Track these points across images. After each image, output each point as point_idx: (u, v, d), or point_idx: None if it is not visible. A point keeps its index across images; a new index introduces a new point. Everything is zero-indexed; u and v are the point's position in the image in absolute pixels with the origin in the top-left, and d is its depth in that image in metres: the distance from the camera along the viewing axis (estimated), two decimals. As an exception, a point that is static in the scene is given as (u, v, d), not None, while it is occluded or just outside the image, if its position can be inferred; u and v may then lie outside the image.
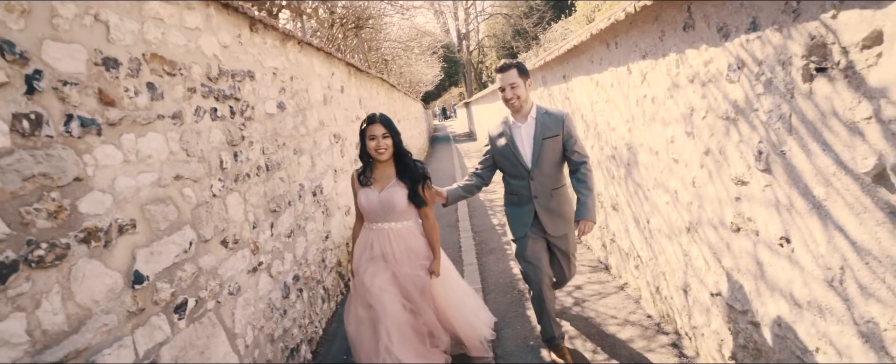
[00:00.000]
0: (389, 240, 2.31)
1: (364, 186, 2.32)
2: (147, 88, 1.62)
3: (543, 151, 2.36)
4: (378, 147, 2.24)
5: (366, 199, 2.29)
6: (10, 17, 1.14)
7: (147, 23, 1.66)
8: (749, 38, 1.72)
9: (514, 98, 2.36)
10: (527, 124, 2.41)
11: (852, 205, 1.35)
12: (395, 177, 2.32)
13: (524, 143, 2.40)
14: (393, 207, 2.28)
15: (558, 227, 2.45)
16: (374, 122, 2.26)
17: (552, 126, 2.37)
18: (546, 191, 2.40)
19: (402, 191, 2.30)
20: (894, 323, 1.26)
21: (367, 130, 2.26)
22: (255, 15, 2.47)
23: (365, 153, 2.31)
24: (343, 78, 4.83)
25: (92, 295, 1.31)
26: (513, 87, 2.36)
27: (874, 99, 1.24)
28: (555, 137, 2.36)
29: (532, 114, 2.42)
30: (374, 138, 2.24)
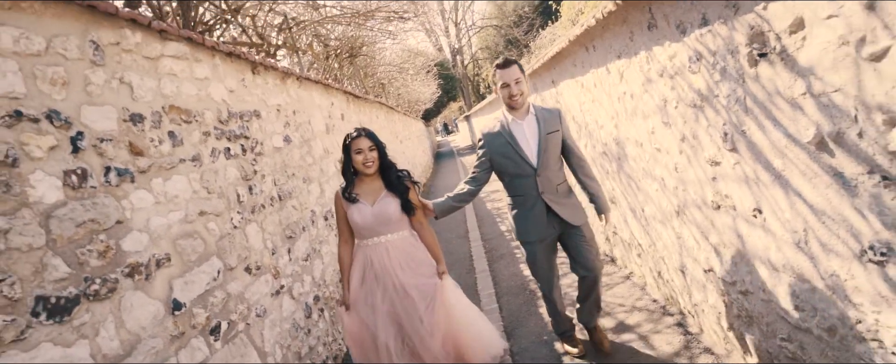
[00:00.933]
0: (387, 252, 2.25)
1: (353, 203, 2.25)
2: (168, 137, 1.83)
3: (549, 147, 2.33)
4: (365, 160, 2.21)
5: (360, 215, 2.23)
6: (53, 89, 1.35)
7: (163, 79, 1.88)
8: (702, 33, 1.89)
9: (519, 94, 2.31)
10: (527, 121, 2.37)
11: (805, 172, 1.50)
12: (385, 188, 2.29)
13: (528, 140, 2.35)
14: (388, 219, 2.24)
15: (577, 216, 2.42)
16: (359, 136, 2.24)
17: (552, 121, 2.37)
18: (552, 187, 2.37)
19: (394, 201, 2.27)
20: (852, 273, 1.39)
21: (353, 145, 2.23)
22: (256, 59, 2.70)
23: (350, 169, 2.27)
24: (342, 106, 5.06)
25: (139, 322, 1.50)
26: (518, 83, 2.31)
27: (806, 77, 1.40)
28: (556, 133, 2.36)
29: (531, 111, 2.40)
30: (361, 152, 2.22)
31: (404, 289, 2.23)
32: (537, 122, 2.36)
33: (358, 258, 2.32)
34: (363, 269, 2.28)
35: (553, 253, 2.51)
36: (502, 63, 2.35)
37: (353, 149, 2.24)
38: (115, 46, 1.63)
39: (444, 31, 31.17)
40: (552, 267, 2.52)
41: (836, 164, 1.37)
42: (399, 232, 2.30)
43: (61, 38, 1.41)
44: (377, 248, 2.26)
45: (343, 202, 2.29)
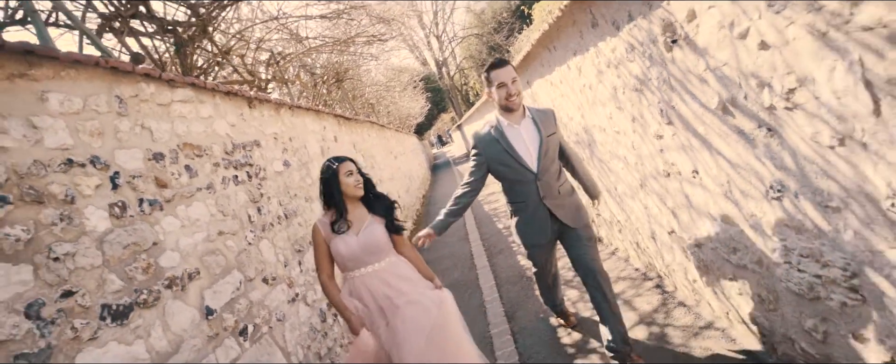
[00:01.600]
0: (378, 280, 2.10)
1: (336, 234, 2.09)
2: (185, 170, 2.13)
3: (549, 151, 2.23)
4: (357, 182, 2.14)
5: (346, 247, 2.06)
6: (92, 139, 1.66)
7: (175, 121, 2.18)
8: (631, 27, 2.20)
9: (517, 94, 2.18)
10: (524, 125, 2.24)
11: (720, 133, 1.79)
12: (369, 213, 2.19)
13: (527, 145, 2.22)
14: (376, 245, 2.09)
15: (579, 218, 2.33)
16: (344, 160, 2.16)
17: (549, 122, 2.28)
18: (553, 189, 2.26)
19: (379, 225, 2.15)
20: (763, 211, 1.68)
21: (342, 168, 2.13)
22: (251, 94, 3.01)
23: (339, 195, 2.12)
24: (334, 129, 5.38)
25: (181, 325, 1.78)
26: (515, 82, 2.17)
27: (704, 56, 1.70)
28: (554, 135, 2.26)
29: (526, 113, 2.28)
30: (352, 173, 2.14)
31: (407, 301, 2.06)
32: (535, 126, 2.23)
33: (344, 291, 2.16)
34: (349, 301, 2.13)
35: (553, 249, 2.52)
36: (497, 62, 2.20)
37: (343, 172, 2.12)
38: (135, 98, 1.94)
39: (427, 45, 31.71)
40: (552, 262, 2.58)
41: (737, 123, 1.66)
42: (387, 258, 2.15)
43: (93, 96, 1.71)
44: (367, 280, 2.10)
45: (323, 234, 2.13)
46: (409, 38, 20.52)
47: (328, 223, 2.14)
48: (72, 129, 1.58)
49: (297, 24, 4.77)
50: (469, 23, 33.00)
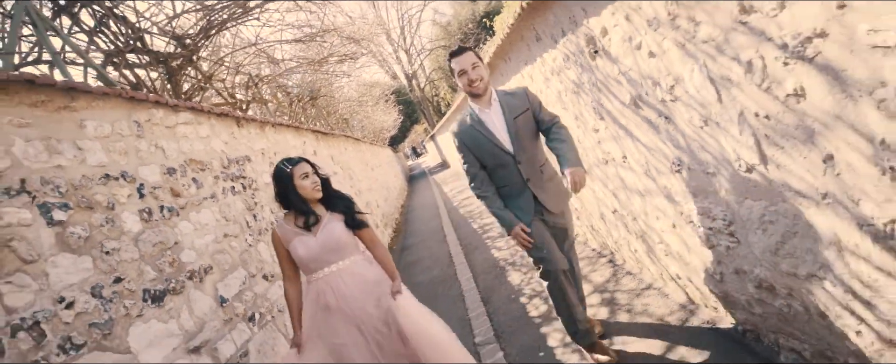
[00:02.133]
0: (342, 281, 2.02)
1: (296, 236, 2.03)
2: (193, 182, 2.46)
3: (520, 130, 2.21)
4: (315, 184, 2.08)
5: (304, 248, 2.00)
6: (120, 157, 1.98)
7: (180, 140, 2.51)
8: (564, 41, 2.65)
9: (479, 79, 2.16)
10: (493, 109, 2.24)
11: (635, 124, 2.24)
12: (328, 211, 2.13)
13: (498, 128, 2.22)
14: (336, 243, 2.03)
15: (558, 203, 2.32)
16: (298, 162, 2.08)
17: (517, 103, 2.24)
18: (535, 170, 2.26)
19: (338, 222, 2.09)
20: (672, 183, 2.13)
21: (296, 171, 2.05)
22: (239, 115, 3.35)
23: (295, 198, 2.05)
24: (313, 143, 5.71)
25: (202, 310, 2.10)
26: (475, 68, 2.16)
27: (617, 63, 2.15)
28: (524, 113, 2.23)
29: (494, 97, 2.27)
30: (307, 176, 2.06)
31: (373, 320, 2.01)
32: (502, 109, 2.24)
33: (309, 295, 2.06)
34: (315, 305, 2.03)
35: (550, 236, 2.30)
36: (456, 50, 2.20)
37: (298, 175, 2.04)
38: (148, 122, 2.26)
39: (396, 59, 32.18)
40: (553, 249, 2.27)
41: (645, 114, 2.11)
42: (350, 257, 2.09)
43: (118, 122, 2.04)
44: (329, 281, 2.03)
45: (281, 238, 2.06)
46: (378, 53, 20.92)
47: (285, 225, 2.07)
48: (105, 149, 1.91)
49: (273, 47, 5.11)
50: (436, 35, 33.69)
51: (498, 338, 3.05)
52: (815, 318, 1.57)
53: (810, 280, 1.50)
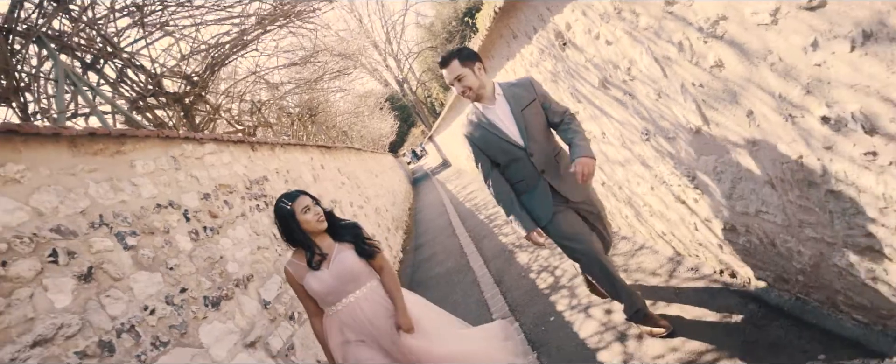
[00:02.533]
0: (361, 310, 1.98)
1: (309, 271, 1.98)
2: (225, 204, 2.77)
3: (529, 122, 2.15)
4: (318, 216, 2.00)
5: (319, 283, 1.95)
6: (165, 188, 2.29)
7: (209, 168, 2.83)
8: (538, 36, 2.94)
9: (466, 90, 2.12)
10: (498, 104, 2.18)
11: (607, 103, 2.53)
12: (336, 242, 2.07)
13: (506, 123, 2.16)
14: (350, 273, 1.98)
15: (578, 191, 2.25)
16: (296, 196, 2.02)
17: (524, 94, 2.18)
18: (550, 161, 2.20)
19: (349, 251, 2.04)
20: (644, 150, 2.42)
21: (297, 206, 1.98)
22: (253, 140, 3.66)
23: (299, 234, 1.99)
24: (319, 158, 6.03)
25: (251, 311, 2.41)
26: (460, 80, 2.09)
27: (583, 52, 2.44)
28: (532, 103, 2.16)
29: (497, 91, 2.19)
30: (309, 209, 1.99)
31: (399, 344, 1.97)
32: (508, 102, 2.17)
33: (332, 330, 2.02)
34: (341, 339, 2.00)
35: (579, 221, 2.25)
36: (440, 61, 2.15)
37: (299, 209, 1.98)
38: (182, 156, 2.58)
39: (385, 66, 32.50)
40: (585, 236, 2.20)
41: (613, 94, 2.40)
42: (367, 284, 2.04)
43: (158, 158, 2.36)
44: (349, 312, 1.99)
45: (294, 276, 2.02)
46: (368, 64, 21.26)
47: (297, 262, 2.02)
48: (153, 183, 2.22)
49: (271, 73, 5.44)
50: (421, 37, 34.04)
51: (513, 311, 3.35)
52: (768, 247, 1.87)
53: (759, 216, 1.80)
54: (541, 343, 2.76)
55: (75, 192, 1.74)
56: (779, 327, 1.93)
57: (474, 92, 2.14)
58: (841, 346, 1.69)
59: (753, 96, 1.47)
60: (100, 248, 1.69)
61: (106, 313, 1.58)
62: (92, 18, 2.68)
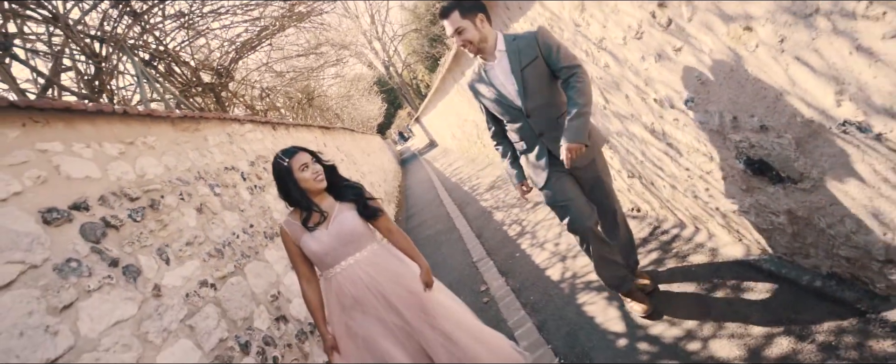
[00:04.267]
0: (362, 273, 1.90)
1: (306, 231, 1.90)
2: (264, 169, 3.59)
3: (528, 82, 2.01)
4: (316, 174, 1.92)
5: (317, 243, 1.87)
6: (226, 156, 3.11)
7: (250, 143, 3.63)
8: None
9: (466, 44, 2.00)
10: (498, 61, 2.05)
11: (553, 89, 3.39)
12: (337, 202, 1.99)
13: (504, 81, 2.05)
14: (350, 235, 1.90)
15: (581, 156, 2.10)
16: (295, 153, 1.93)
17: (527, 50, 2.00)
18: (551, 123, 2.08)
19: (350, 211, 1.96)
20: (577, 124, 3.30)
21: (294, 163, 1.90)
22: (274, 122, 4.46)
23: (297, 193, 1.90)
24: (321, 137, 6.82)
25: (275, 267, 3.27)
26: (460, 34, 1.96)
27: (533, 51, 3.29)
28: (535, 61, 2.00)
29: (500, 47, 2.05)
30: (306, 166, 1.91)
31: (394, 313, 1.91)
32: (509, 59, 2.03)
33: (330, 294, 1.94)
34: (338, 305, 1.93)
35: (574, 186, 2.17)
36: (440, 12, 2.01)
37: (296, 167, 1.90)
38: (233, 133, 3.39)
39: (371, 48, 32.80)
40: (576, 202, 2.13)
41: (556, 82, 3.26)
42: (368, 246, 1.96)
43: (220, 134, 3.17)
44: (348, 275, 1.90)
45: (290, 236, 1.94)
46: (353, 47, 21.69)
47: (294, 222, 1.95)
48: (221, 151, 3.04)
49: (278, 63, 6.18)
50: (406, 19, 34.35)
51: (489, 254, 4.26)
52: (648, 185, 2.77)
53: (642, 164, 2.69)
54: (510, 271, 3.68)
55: (182, 156, 2.55)
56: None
57: (475, 46, 2.01)
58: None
59: (626, 86, 2.34)
60: (203, 193, 2.52)
61: (214, 233, 2.42)
62: (152, 24, 3.42)
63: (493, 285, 3.58)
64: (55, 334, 1.29)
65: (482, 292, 3.57)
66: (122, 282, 1.63)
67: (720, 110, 1.75)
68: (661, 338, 2.13)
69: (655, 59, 1.93)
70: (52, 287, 1.37)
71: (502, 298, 3.30)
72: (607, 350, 2.24)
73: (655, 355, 2.05)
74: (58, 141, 1.76)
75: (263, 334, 2.21)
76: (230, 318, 2.07)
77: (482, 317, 3.17)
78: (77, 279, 1.47)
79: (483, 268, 4.03)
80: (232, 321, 2.07)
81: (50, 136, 1.74)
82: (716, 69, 1.64)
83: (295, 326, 2.54)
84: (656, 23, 1.78)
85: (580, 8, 2.28)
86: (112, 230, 1.75)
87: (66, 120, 1.86)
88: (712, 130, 1.87)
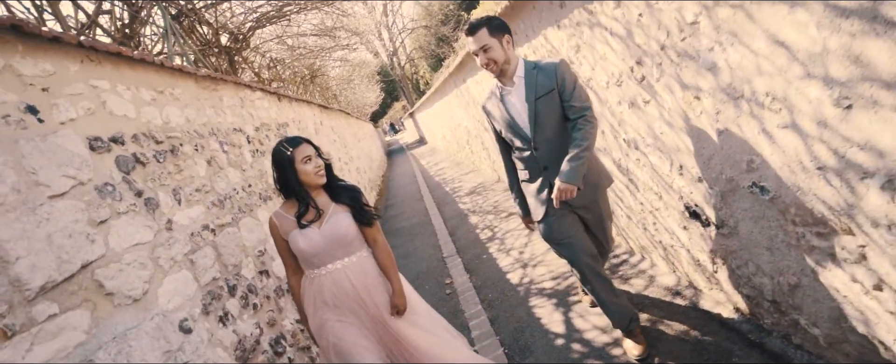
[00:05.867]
0: (347, 279, 1.87)
1: (297, 227, 1.86)
2: (266, 137, 3.83)
3: (540, 114, 1.99)
4: (318, 168, 1.88)
5: (307, 242, 1.83)
6: (236, 118, 3.35)
7: (258, 109, 3.87)
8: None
9: (490, 63, 1.96)
10: (516, 87, 2.04)
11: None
12: (332, 202, 1.94)
13: (518, 108, 2.04)
14: (342, 238, 1.86)
15: (584, 195, 2.07)
16: (299, 143, 1.89)
17: (545, 81, 1.98)
18: (558, 158, 2.01)
19: (345, 214, 1.91)
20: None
21: (298, 154, 1.85)
22: (281, 93, 4.69)
23: (296, 185, 1.86)
24: (319, 116, 7.05)
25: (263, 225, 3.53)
26: (486, 51, 1.94)
27: (532, 75, 3.63)
28: (550, 94, 1.98)
29: (519, 73, 2.03)
30: (310, 159, 1.87)
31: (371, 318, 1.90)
32: (525, 88, 2.01)
33: (309, 291, 1.92)
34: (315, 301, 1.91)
35: (575, 224, 2.14)
36: (467, 28, 1.98)
37: (299, 158, 1.85)
38: (244, 98, 3.62)
39: (378, 35, 32.85)
40: (576, 242, 2.11)
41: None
42: (357, 253, 1.93)
43: (234, 97, 3.40)
44: (333, 278, 1.87)
45: (279, 229, 1.90)
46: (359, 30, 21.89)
47: (285, 215, 1.92)
48: (232, 113, 3.29)
49: (293, 38, 6.39)
50: (418, 14, 34.54)
51: (458, 252, 4.58)
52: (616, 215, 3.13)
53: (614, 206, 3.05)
54: (474, 270, 4.00)
55: (200, 111, 2.80)
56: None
57: (498, 66, 1.99)
58: (634, 271, 2.97)
59: (603, 123, 2.68)
60: (213, 147, 2.77)
61: (218, 185, 2.67)
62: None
63: (457, 280, 3.90)
64: (93, 242, 1.55)
65: (447, 284, 3.89)
66: (143, 211, 1.88)
67: (671, 158, 2.10)
68: (592, 342, 2.47)
69: (629, 105, 2.28)
70: (93, 203, 1.62)
71: (463, 293, 3.61)
72: (546, 347, 2.58)
73: (585, 355, 2.39)
74: (106, 80, 2.00)
75: (248, 282, 2.48)
76: (223, 262, 2.33)
77: (443, 306, 3.50)
78: (111, 201, 1.72)
79: (451, 263, 4.34)
80: (224, 265, 2.33)
81: (101, 74, 1.98)
82: (671, 124, 1.98)
83: (274, 282, 2.81)
84: (633, 76, 2.12)
85: (576, 48, 2.62)
86: (140, 166, 1.99)
87: (114, 62, 2.10)
88: (663, 174, 2.22)
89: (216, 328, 2.02)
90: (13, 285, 1.22)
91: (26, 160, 1.42)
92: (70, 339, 1.32)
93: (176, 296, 1.85)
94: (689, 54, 1.65)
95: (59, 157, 1.55)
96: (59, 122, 1.64)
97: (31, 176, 1.41)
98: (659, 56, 1.85)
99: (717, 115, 1.64)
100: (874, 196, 1.17)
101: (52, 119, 1.61)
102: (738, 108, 1.51)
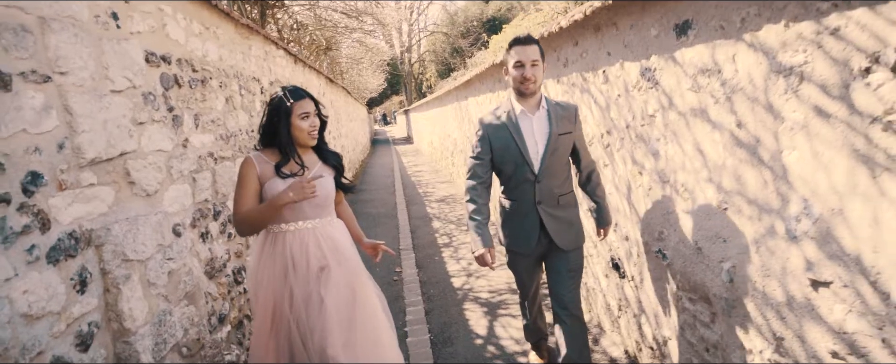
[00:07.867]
0: (308, 242, 1.83)
1: (276, 176, 1.79)
2: (276, 92, 4.12)
3: (557, 151, 1.99)
4: (313, 128, 1.85)
5: None
6: (258, 69, 3.64)
7: (275, 66, 4.16)
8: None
9: (530, 79, 1.91)
10: (538, 116, 1.99)
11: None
12: (320, 162, 1.95)
13: (536, 139, 1.98)
14: (326, 198, 1.86)
15: (568, 239, 2.07)
16: (303, 96, 1.83)
17: (567, 120, 2.02)
18: (553, 197, 2.02)
19: (329, 175, 1.93)
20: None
21: (297, 107, 1.80)
22: (298, 56, 4.98)
23: (285, 138, 1.81)
24: (323, 87, 7.32)
25: (267, 164, 3.82)
26: (534, 65, 1.91)
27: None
28: (568, 135, 2.01)
29: (543, 104, 2.00)
30: (308, 116, 1.83)
31: (321, 295, 1.80)
32: (548, 120, 1.99)
33: (275, 248, 1.84)
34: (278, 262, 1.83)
35: (538, 268, 2.23)
36: (523, 38, 1.94)
37: (297, 112, 1.81)
38: (268, 52, 3.91)
39: (398, 28, 33.16)
40: (534, 279, 2.26)
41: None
42: (329, 216, 1.93)
43: (260, 49, 3.69)
44: (300, 237, 1.83)
45: (258, 172, 1.81)
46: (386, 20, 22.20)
47: (266, 160, 1.84)
48: (255, 64, 3.58)
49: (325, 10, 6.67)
50: (441, 20, 35.07)
51: (414, 248, 4.93)
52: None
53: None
54: (424, 267, 4.36)
55: (232, 54, 3.09)
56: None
57: (535, 86, 1.95)
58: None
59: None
60: (233, 88, 3.06)
61: (229, 123, 2.95)
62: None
63: (406, 271, 4.25)
64: (131, 136, 1.83)
65: (396, 272, 4.23)
66: (170, 125, 2.17)
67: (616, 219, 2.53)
68: (505, 348, 2.86)
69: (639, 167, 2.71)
70: (137, 106, 1.91)
71: (409, 283, 3.96)
72: (466, 343, 2.95)
73: (496, 356, 2.77)
74: (170, 7, 2.30)
75: (229, 213, 2.76)
76: (215, 189, 2.62)
77: (389, 290, 3.84)
78: (150, 109, 2.01)
79: (404, 256, 4.69)
80: (216, 192, 2.62)
81: None
82: (618, 188, 2.41)
83: (248, 221, 3.09)
84: (601, 142, 2.55)
85: (569, 104, 3.05)
86: (176, 86, 2.28)
87: (180, -7, 2.40)
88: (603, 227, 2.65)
89: (197, 241, 2.31)
90: (74, 151, 1.51)
91: (103, 56, 1.72)
92: (97, 208, 1.61)
93: (176, 203, 2.14)
94: (643, 138, 2.08)
95: (123, 61, 1.85)
96: (129, 32, 1.93)
97: (104, 70, 1.71)
98: (624, 132, 2.28)
99: (649, 191, 2.07)
100: (724, 276, 1.61)
101: (126, 28, 1.90)
102: (664, 189, 1.94)
